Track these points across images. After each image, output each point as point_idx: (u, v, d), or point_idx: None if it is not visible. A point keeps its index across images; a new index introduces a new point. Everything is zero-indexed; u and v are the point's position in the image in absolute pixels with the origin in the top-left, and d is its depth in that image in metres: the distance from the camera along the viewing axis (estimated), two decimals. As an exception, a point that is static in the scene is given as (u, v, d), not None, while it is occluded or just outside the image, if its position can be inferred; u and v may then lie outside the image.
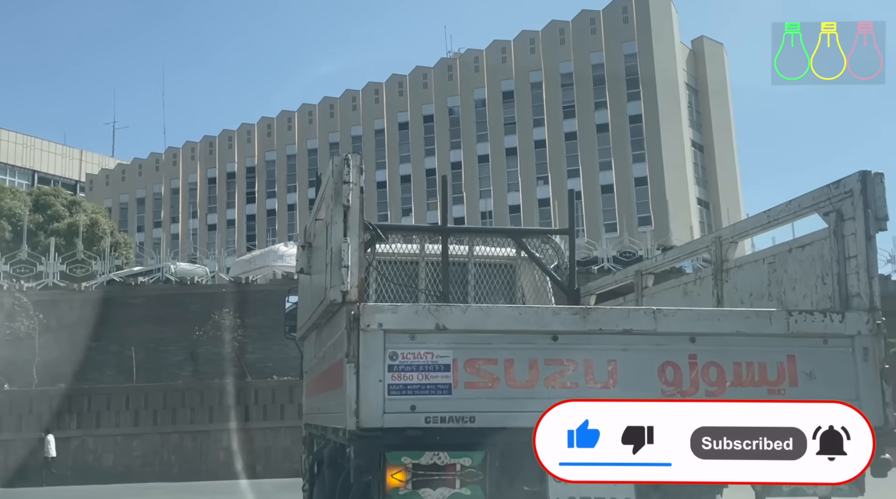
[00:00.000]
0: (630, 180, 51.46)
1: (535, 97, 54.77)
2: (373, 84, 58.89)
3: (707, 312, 4.02)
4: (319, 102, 60.44)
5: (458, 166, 55.61)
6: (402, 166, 56.93)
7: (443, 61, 57.32)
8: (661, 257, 6.04)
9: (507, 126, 55.03)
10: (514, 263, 6.79)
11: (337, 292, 3.77)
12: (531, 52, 54.73)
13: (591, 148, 52.51)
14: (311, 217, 5.10)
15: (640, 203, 50.86)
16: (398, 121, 57.48)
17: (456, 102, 56.41)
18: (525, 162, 54.20)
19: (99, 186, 64.42)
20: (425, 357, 3.76)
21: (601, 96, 53.00)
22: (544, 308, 3.99)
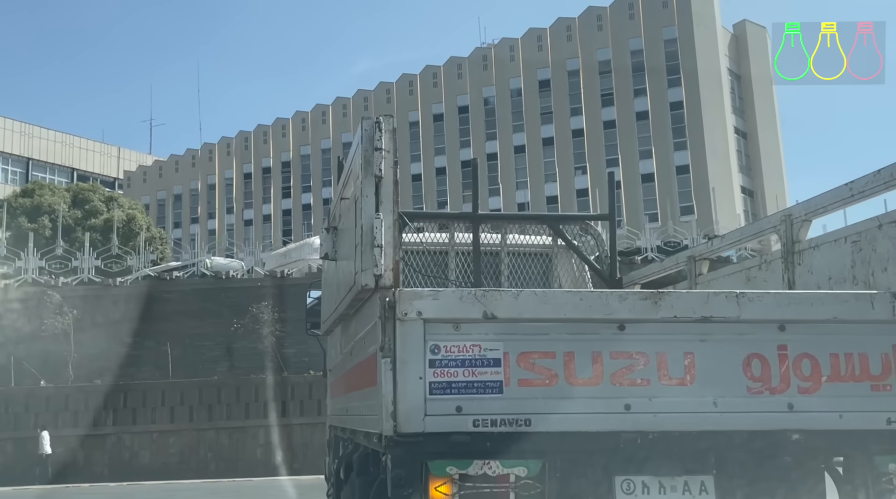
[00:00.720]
0: (671, 169, 50.63)
1: (573, 86, 54.04)
2: (407, 76, 58.57)
3: (799, 295, 3.45)
4: (353, 95, 60.32)
5: (493, 157, 55.10)
6: (437, 159, 56.58)
7: (478, 51, 56.80)
8: (718, 241, 5.45)
9: (543, 116, 54.39)
10: (550, 252, 6.25)
11: (369, 276, 3.27)
12: (568, 39, 53.98)
13: (631, 136, 51.72)
14: (336, 197, 4.61)
15: (682, 192, 50.01)
16: (433, 112, 57.12)
17: (491, 93, 55.86)
18: (562, 152, 53.55)
19: (136, 182, 65.03)
20: (472, 350, 3.25)
21: (640, 83, 52.14)
22: (609, 293, 3.45)
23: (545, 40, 54.60)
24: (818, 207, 4.23)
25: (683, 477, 3.29)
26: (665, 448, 3.25)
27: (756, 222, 4.96)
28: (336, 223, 4.58)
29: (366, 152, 3.39)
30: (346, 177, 4.29)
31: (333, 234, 4.48)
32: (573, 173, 53.25)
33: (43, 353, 23.00)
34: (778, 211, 4.44)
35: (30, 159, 60.57)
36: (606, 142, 52.79)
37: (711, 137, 49.73)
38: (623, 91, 52.46)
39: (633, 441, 3.24)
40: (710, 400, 3.24)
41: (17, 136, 60.06)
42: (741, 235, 5.00)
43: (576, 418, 3.25)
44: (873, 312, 3.23)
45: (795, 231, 4.32)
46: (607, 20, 52.94)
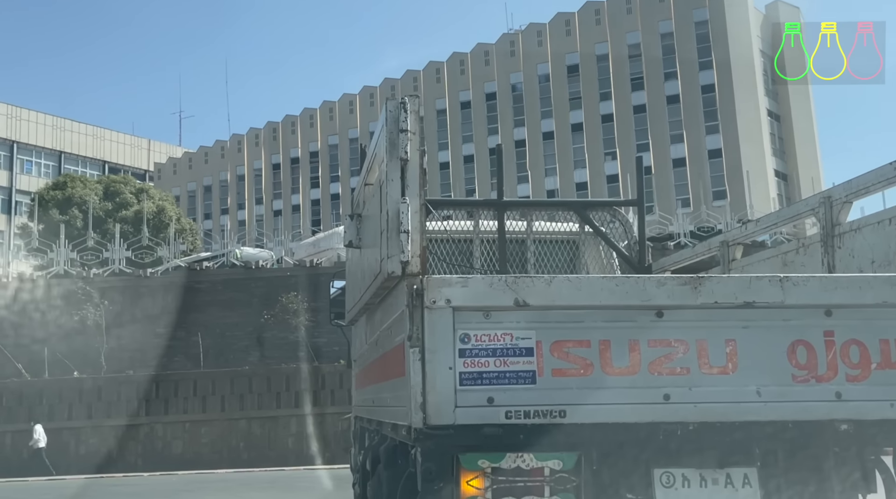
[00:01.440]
0: (703, 153, 50.07)
1: (602, 70, 53.54)
2: (434, 63, 58.40)
3: (847, 279, 3.30)
4: (380, 84, 60.29)
5: (521, 144, 54.82)
6: (464, 146, 56.41)
7: (505, 37, 56.46)
8: (753, 225, 5.27)
9: (572, 101, 53.97)
10: (577, 239, 6.11)
11: (395, 263, 3.17)
12: (596, 23, 53.49)
13: (662, 121, 51.19)
14: (359, 183, 4.51)
15: (715, 176, 49.47)
16: (460, 100, 56.92)
17: (519, 79, 55.52)
18: (592, 137, 53.14)
19: (167, 174, 65.65)
20: (503, 339, 3.14)
21: (671, 67, 51.54)
22: (646, 278, 3.32)
23: (573, 25, 54.10)
24: (860, 187, 4.05)
25: (725, 470, 3.17)
26: (706, 440, 3.13)
27: (793, 205, 4.78)
28: (360, 210, 4.49)
29: (391, 134, 3.28)
30: (371, 161, 4.19)
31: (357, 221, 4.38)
32: (603, 159, 52.85)
33: (75, 344, 23.20)
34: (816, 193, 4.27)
35: (62, 153, 61.39)
36: (637, 127, 52.32)
37: (744, 120, 49.06)
38: (653, 75, 51.89)
39: (672, 432, 3.12)
40: (753, 389, 3.11)
41: (50, 130, 60.89)
42: (777, 219, 4.83)
43: (612, 409, 3.14)
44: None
45: (835, 213, 4.15)
46: (636, 4, 52.37)
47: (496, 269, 5.55)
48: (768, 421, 3.11)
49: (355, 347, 5.74)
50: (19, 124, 59.26)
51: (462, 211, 6.02)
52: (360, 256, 4.46)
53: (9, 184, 58.55)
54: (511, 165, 55.14)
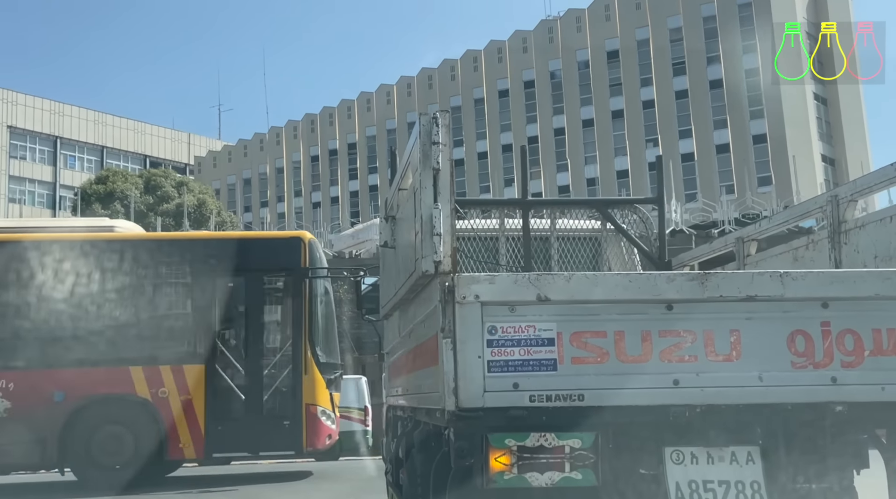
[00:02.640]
0: (748, 138, 49.60)
1: (642, 56, 53.28)
2: (471, 52, 58.56)
3: (841, 273, 3.62)
4: (417, 74, 60.62)
5: (560, 132, 54.84)
6: (502, 135, 56.55)
7: (543, 23, 56.40)
8: (766, 222, 5.57)
9: (612, 87, 53.79)
10: (599, 236, 6.45)
11: (429, 263, 3.56)
12: (636, 7, 53.19)
13: (704, 106, 50.80)
14: (392, 188, 4.91)
15: (760, 162, 49.00)
16: (498, 89, 57.02)
17: (557, 66, 55.46)
18: (633, 124, 52.93)
19: (207, 168, 66.84)
20: (527, 331, 3.52)
21: (713, 50, 51.10)
22: (657, 274, 3.68)
23: (613, 10, 53.87)
24: (864, 186, 4.36)
25: (731, 448, 3.51)
26: (713, 420, 3.48)
27: (803, 203, 5.09)
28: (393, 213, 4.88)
29: (424, 146, 3.67)
30: (404, 169, 4.58)
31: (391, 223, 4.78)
32: (644, 146, 52.60)
33: None
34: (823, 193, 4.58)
35: (104, 147, 62.88)
36: (679, 112, 52.00)
37: (789, 104, 48.45)
38: (695, 58, 51.48)
39: (681, 414, 3.47)
40: (755, 375, 3.46)
41: (92, 125, 62.41)
42: (789, 216, 5.14)
43: (627, 393, 3.49)
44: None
45: (841, 211, 4.47)
46: (677, -14, 51.97)
47: (521, 265, 5.92)
48: (769, 404, 3.45)
49: (388, 339, 6.13)
50: (62, 120, 60.85)
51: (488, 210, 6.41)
52: (395, 256, 4.86)
53: (53, 179, 60.24)
54: (550, 154, 55.19)
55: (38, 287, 11.16)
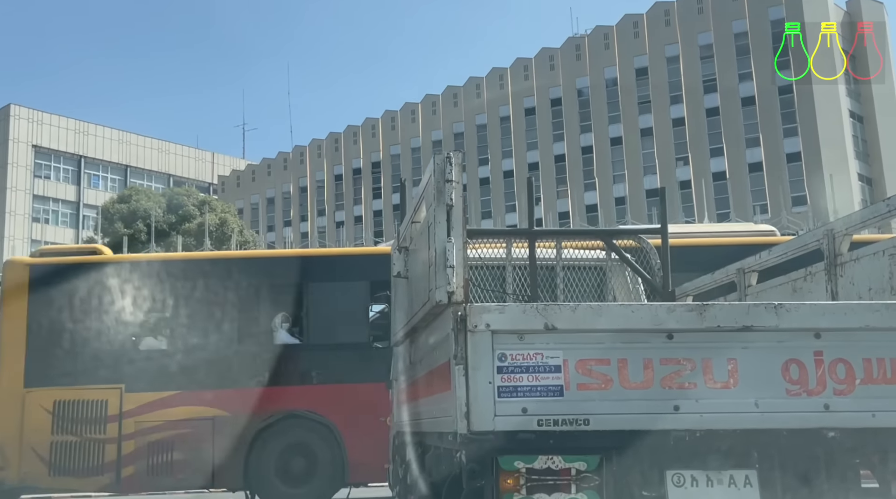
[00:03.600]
0: (781, 157, 49.41)
1: (672, 73, 53.38)
2: (497, 70, 58.98)
3: (832, 306, 3.92)
4: (443, 92, 61.15)
5: (588, 151, 54.98)
6: (529, 154, 56.80)
7: (570, 41, 56.75)
8: (766, 254, 5.85)
9: (641, 105, 53.87)
10: (604, 265, 6.76)
11: (443, 293, 3.88)
12: (666, 24, 53.37)
13: (736, 124, 50.73)
14: (405, 220, 5.23)
15: (794, 181, 48.74)
16: (524, 106, 57.34)
17: (585, 83, 55.69)
18: (662, 143, 52.96)
19: (230, 187, 67.76)
20: (535, 358, 3.82)
21: (745, 67, 51.07)
22: (658, 305, 4.00)
23: (642, 27, 54.10)
24: (857, 222, 4.64)
25: (729, 471, 3.79)
26: (711, 445, 3.76)
27: (800, 236, 5.35)
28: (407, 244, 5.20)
29: (438, 183, 4.01)
30: (419, 203, 4.92)
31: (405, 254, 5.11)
32: (674, 165, 52.60)
33: None
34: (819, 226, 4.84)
35: (128, 167, 64.04)
36: (710, 130, 51.94)
37: (825, 121, 48.27)
38: (726, 76, 51.49)
39: (681, 439, 3.76)
40: (751, 401, 3.74)
41: (116, 144, 63.63)
42: (787, 249, 5.41)
43: (629, 418, 3.79)
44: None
45: (837, 245, 4.74)
46: (708, 3, 52.05)
47: (527, 294, 6.22)
48: (765, 429, 3.73)
49: (397, 367, 6.44)
50: (86, 139, 62.09)
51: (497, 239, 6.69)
52: (408, 285, 5.18)
53: (76, 198, 61.40)
54: (578, 172, 55.36)
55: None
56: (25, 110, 59.68)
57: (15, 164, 58.57)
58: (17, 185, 58.61)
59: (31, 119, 59.65)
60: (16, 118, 59.02)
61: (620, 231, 7.67)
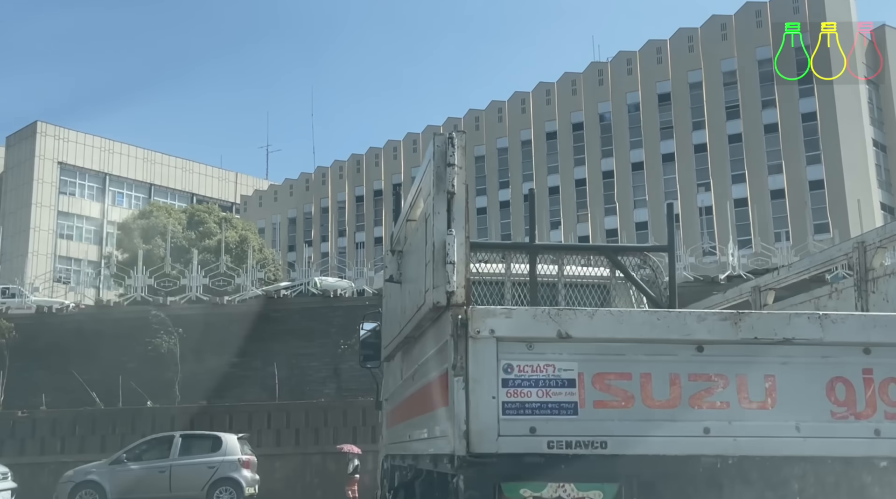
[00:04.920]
0: (804, 184, 48.80)
1: (695, 98, 53.03)
2: (519, 94, 58.87)
3: (885, 317, 3.39)
4: (465, 115, 61.08)
5: (609, 175, 54.59)
6: (550, 178, 56.47)
7: (593, 65, 56.56)
8: (784, 270, 5.33)
9: (663, 131, 53.55)
10: (608, 283, 6.28)
11: (441, 293, 3.39)
12: (689, 50, 53.08)
13: (759, 150, 50.25)
14: (399, 220, 4.76)
15: (817, 208, 48.10)
16: (545, 130, 57.13)
17: (607, 108, 55.43)
18: (684, 168, 52.50)
19: (252, 206, 67.87)
20: (545, 370, 3.33)
21: (769, 94, 50.63)
22: (687, 313, 3.48)
23: (665, 52, 53.83)
24: (892, 233, 4.12)
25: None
26: (746, 474, 3.26)
27: (826, 250, 4.83)
28: (400, 246, 4.72)
29: (437, 169, 3.52)
30: (415, 197, 4.44)
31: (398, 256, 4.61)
32: (695, 190, 52.06)
33: (149, 372, 23.32)
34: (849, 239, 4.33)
35: (152, 185, 64.37)
36: (732, 156, 51.50)
37: (848, 149, 47.71)
38: (750, 102, 51.09)
39: (712, 466, 3.26)
40: (792, 424, 3.23)
41: (141, 162, 64.01)
42: (810, 264, 4.90)
43: (653, 441, 3.28)
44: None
45: (868, 259, 4.22)
46: (731, 29, 51.81)
47: None
48: (808, 457, 3.22)
49: (388, 385, 5.93)
50: (111, 157, 62.49)
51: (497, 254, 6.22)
52: (401, 291, 4.68)
53: (100, 215, 61.67)
54: (598, 197, 54.92)
55: None
56: (52, 128, 60.20)
57: (41, 180, 58.98)
58: (43, 201, 58.97)
59: (57, 136, 60.12)
60: (42, 135, 59.53)
61: (625, 248, 7.19)
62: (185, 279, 29.63)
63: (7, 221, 57.02)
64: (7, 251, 54.46)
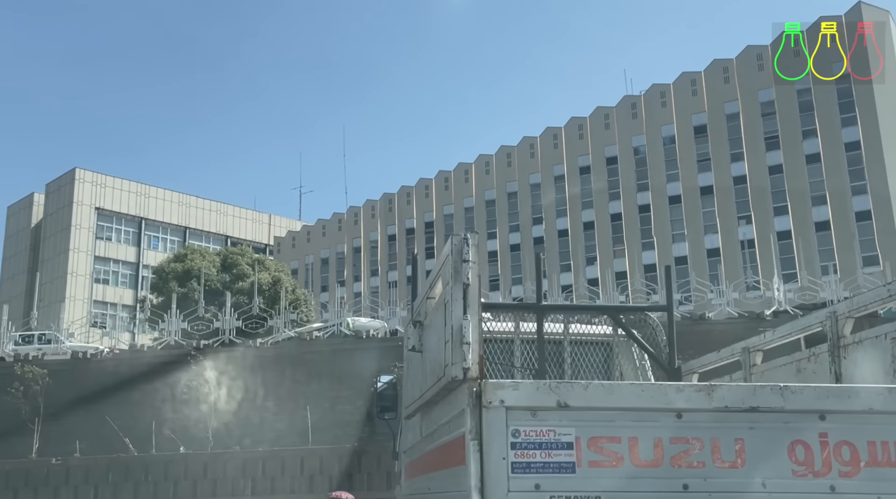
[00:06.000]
0: (850, 215, 48.66)
1: (732, 130, 53.35)
2: (551, 129, 59.60)
3: (836, 388, 4.04)
4: (496, 152, 61.90)
5: (646, 209, 54.90)
6: (584, 213, 56.91)
7: (626, 99, 57.18)
8: (770, 334, 5.97)
9: (700, 163, 53.82)
10: (611, 341, 6.91)
11: (458, 369, 4.09)
12: (725, 82, 53.54)
13: (801, 180, 50.25)
14: (420, 296, 5.48)
15: (865, 240, 47.78)
16: (579, 165, 57.70)
17: (642, 141, 55.93)
18: (723, 201, 52.66)
19: (286, 248, 69.18)
20: (547, 435, 4.00)
21: (809, 124, 50.79)
22: (668, 385, 4.16)
23: (700, 84, 54.32)
24: (860, 305, 4.77)
25: None
26: (721, 524, 3.89)
27: (803, 318, 5.46)
28: (421, 318, 5.46)
29: (455, 263, 4.26)
30: (434, 280, 5.18)
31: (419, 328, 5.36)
32: (736, 223, 52.15)
33: (182, 417, 23.75)
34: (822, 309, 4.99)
35: (187, 228, 66.10)
36: (773, 188, 51.53)
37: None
38: (789, 132, 51.24)
39: None
40: (759, 481, 3.86)
41: (176, 206, 65.84)
42: (791, 329, 5.53)
43: (640, 496, 3.93)
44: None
45: (840, 327, 4.88)
46: (768, 59, 52.00)
47: (535, 367, 6.42)
48: None
49: (407, 439, 6.60)
50: (147, 201, 64.40)
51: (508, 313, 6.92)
52: (422, 360, 5.41)
53: (136, 259, 63.47)
54: (635, 232, 55.22)
55: None
56: (90, 174, 62.27)
57: (78, 226, 60.91)
58: (80, 246, 60.85)
59: (94, 182, 62.17)
60: (80, 182, 61.62)
61: (627, 308, 7.95)
62: (218, 322, 30.14)
63: (45, 267, 58.97)
64: (45, 297, 56.20)
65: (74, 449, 23.20)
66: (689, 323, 24.72)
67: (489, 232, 60.52)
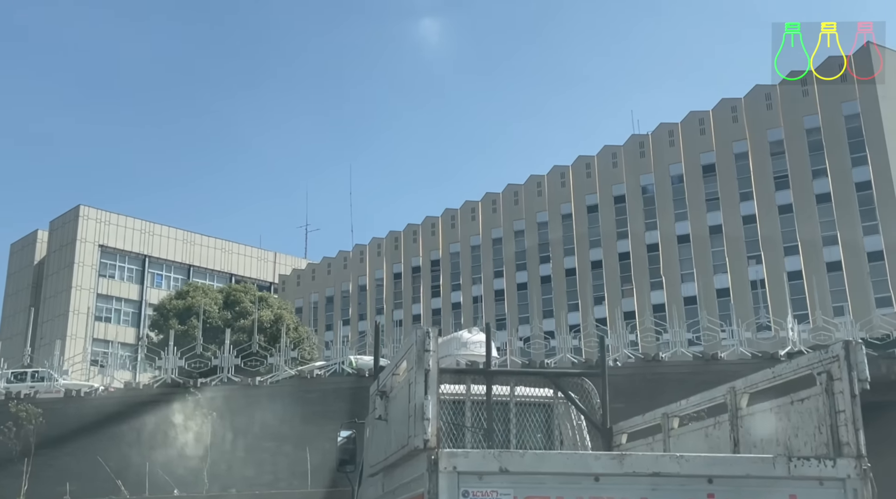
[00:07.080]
0: (862, 255, 49.40)
1: (741, 169, 54.33)
2: (559, 168, 60.80)
3: (721, 457, 5.19)
4: (503, 190, 63.09)
5: (654, 248, 55.83)
6: (592, 251, 57.87)
7: (634, 138, 58.40)
8: (684, 403, 7.10)
9: (709, 202, 54.76)
10: (552, 403, 8.12)
11: (420, 440, 5.23)
12: (733, 121, 54.66)
13: (812, 221, 51.03)
14: (387, 371, 6.63)
15: (877, 281, 48.52)
16: (586, 204, 58.76)
17: (650, 180, 57.01)
18: (732, 240, 53.48)
19: (290, 286, 70.38)
20: (492, 494, 5.12)
21: (819, 163, 51.75)
22: (588, 454, 5.31)
23: (708, 123, 55.48)
24: (752, 383, 5.94)
25: None
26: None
27: (709, 392, 6.60)
28: (387, 390, 6.60)
29: (419, 352, 5.43)
30: (399, 360, 6.33)
31: (385, 399, 6.52)
32: (746, 263, 52.95)
33: (177, 458, 23.66)
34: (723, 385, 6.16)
35: (190, 266, 67.43)
36: (783, 228, 52.31)
37: (909, 219, 48.41)
38: (798, 171, 52.14)
39: None
40: (661, 534, 4.97)
41: (180, 244, 67.27)
42: (701, 399, 6.70)
43: None
44: (775, 471, 4.91)
45: (738, 400, 6.03)
46: (777, 98, 53.25)
47: (484, 426, 7.64)
48: None
49: (368, 494, 7.72)
50: (151, 239, 65.84)
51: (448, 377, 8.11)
52: (386, 427, 6.56)
53: (139, 297, 64.77)
54: (643, 271, 56.13)
55: None
56: (94, 211, 63.79)
57: (81, 263, 62.32)
58: (83, 284, 62.18)
59: (98, 219, 63.69)
60: (84, 219, 63.11)
61: (565, 373, 9.33)
62: (216, 359, 29.74)
63: (46, 305, 60.26)
64: (46, 334, 57.36)
65: (65, 491, 23.11)
66: (700, 363, 25.13)
67: (495, 270, 61.68)
